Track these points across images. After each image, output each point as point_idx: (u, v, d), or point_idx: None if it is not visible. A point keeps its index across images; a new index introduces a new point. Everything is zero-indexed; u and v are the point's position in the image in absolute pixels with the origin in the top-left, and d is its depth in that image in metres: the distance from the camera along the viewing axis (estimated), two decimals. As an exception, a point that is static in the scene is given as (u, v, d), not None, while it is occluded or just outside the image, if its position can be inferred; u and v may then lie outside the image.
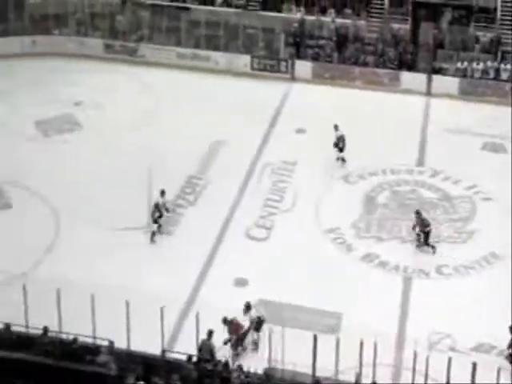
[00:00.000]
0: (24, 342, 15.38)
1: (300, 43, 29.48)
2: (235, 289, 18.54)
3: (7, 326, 15.38)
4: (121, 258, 19.42)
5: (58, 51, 30.42)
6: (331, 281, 18.64)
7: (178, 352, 15.15)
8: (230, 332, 16.52)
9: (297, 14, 30.02)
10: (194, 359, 15.03)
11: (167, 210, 20.51)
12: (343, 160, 23.32)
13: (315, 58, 29.20)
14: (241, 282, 18.81)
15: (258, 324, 16.75)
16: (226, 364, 14.94)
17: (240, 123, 25.23)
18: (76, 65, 29.62)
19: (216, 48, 29.91)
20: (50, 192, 22.08)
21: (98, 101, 27.17)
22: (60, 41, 30.80)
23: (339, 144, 23.17)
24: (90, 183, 22.41)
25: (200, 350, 15.43)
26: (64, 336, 15.11)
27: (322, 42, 29.42)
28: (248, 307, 16.86)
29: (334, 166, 23.24)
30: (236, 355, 16.42)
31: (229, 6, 30.82)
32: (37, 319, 15.19)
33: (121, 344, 15.06)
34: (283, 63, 29.15)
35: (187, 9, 30.78)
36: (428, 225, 19.89)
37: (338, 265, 19.43)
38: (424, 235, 19.79)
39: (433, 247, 19.94)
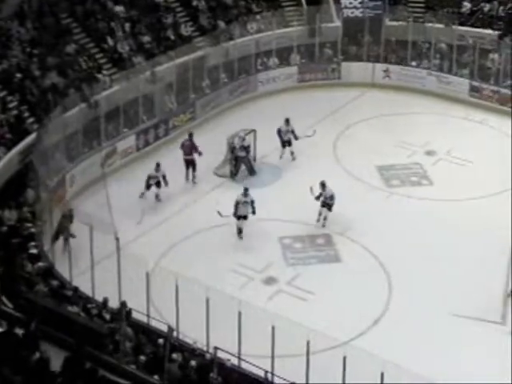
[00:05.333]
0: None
1: None
2: None
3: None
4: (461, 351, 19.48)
5: (414, 87, 31.88)
6: None
7: None
8: None
9: None
10: None
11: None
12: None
13: None
14: None
15: None
16: None
17: None
18: (433, 106, 30.66)
19: None
20: (382, 251, 22.85)
21: (455, 154, 27.72)
22: (417, 75, 32.14)
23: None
24: (430, 252, 22.61)
25: None
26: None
27: None
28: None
29: None
30: None
31: None
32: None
33: None
34: None
35: None
36: None
37: None
38: None
39: None
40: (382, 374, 15.13)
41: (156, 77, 28.35)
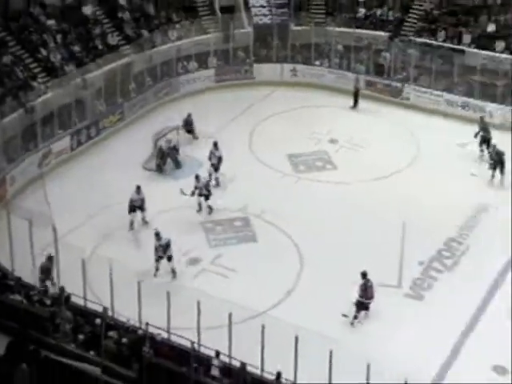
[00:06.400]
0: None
1: None
2: (492, 374, 17.96)
3: (243, 366, 16.23)
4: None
5: (317, 83, 32.14)
6: None
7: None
8: None
9: None
10: None
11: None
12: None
13: None
14: (499, 371, 18.15)
15: None
16: None
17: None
18: (334, 99, 30.90)
19: (492, 99, 29.46)
20: (295, 231, 23.00)
21: (355, 141, 28.06)
22: (320, 72, 32.43)
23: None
24: (337, 229, 22.94)
25: None
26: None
27: None
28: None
29: None
30: None
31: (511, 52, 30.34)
32: (272, 364, 16.03)
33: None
34: None
35: (462, 51, 30.68)
36: None
37: None
38: None
39: None
40: (297, 338, 15.24)
41: (87, 83, 28.03)
